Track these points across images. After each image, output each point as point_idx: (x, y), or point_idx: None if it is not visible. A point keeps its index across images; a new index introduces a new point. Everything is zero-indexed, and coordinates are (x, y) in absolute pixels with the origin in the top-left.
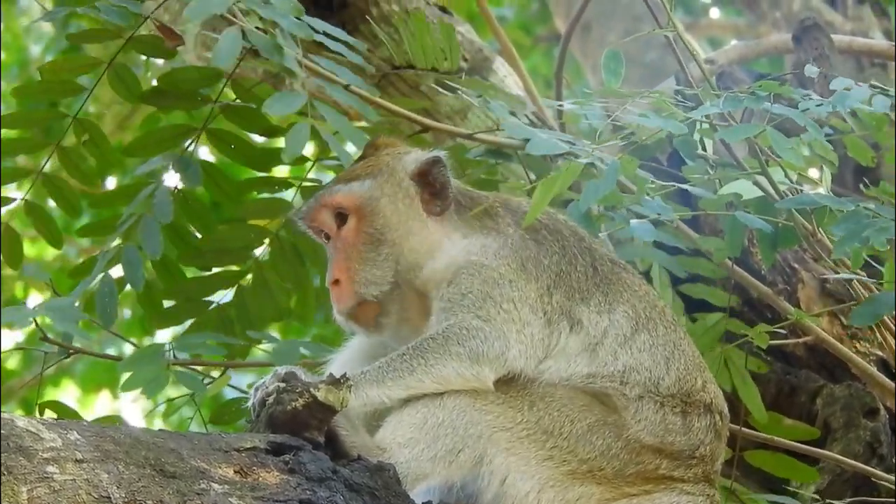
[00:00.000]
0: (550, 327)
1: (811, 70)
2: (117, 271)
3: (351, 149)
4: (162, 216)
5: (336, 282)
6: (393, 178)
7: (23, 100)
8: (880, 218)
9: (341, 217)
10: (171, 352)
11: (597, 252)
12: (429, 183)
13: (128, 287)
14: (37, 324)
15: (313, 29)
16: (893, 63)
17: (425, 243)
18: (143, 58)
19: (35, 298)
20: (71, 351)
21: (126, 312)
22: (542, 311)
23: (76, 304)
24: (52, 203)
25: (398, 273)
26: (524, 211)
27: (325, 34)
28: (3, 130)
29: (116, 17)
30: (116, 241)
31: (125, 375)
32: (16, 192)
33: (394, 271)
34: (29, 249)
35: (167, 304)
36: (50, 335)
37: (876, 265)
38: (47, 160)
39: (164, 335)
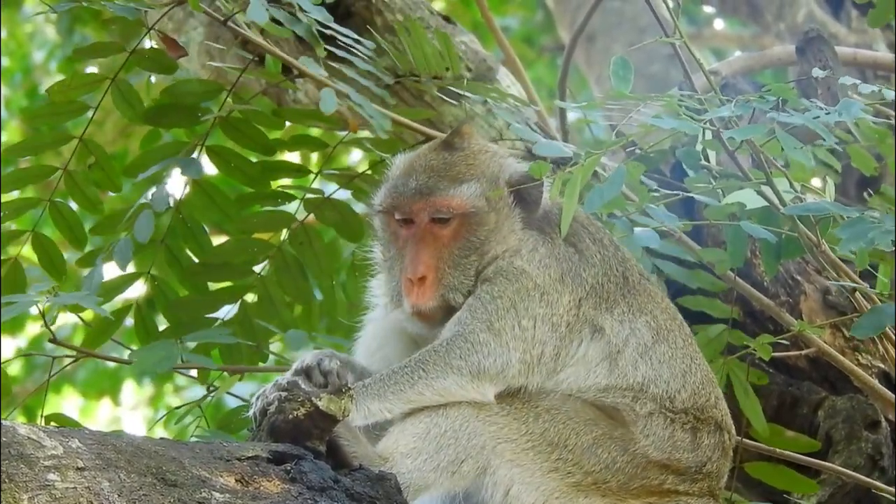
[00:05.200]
0: (571, 336)
1: (819, 72)
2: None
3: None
4: (158, 206)
5: (423, 278)
6: (495, 187)
7: (32, 125)
8: (885, 221)
9: (441, 216)
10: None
11: (629, 262)
12: (520, 193)
13: (126, 296)
14: (46, 325)
15: (327, 26)
16: None
17: (504, 251)
18: (147, 75)
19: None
20: (78, 354)
21: (128, 321)
22: (566, 323)
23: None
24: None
25: (475, 280)
26: (573, 216)
27: (336, 31)
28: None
29: (123, 10)
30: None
31: (137, 361)
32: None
33: (475, 279)
34: (31, 255)
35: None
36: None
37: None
38: (56, 185)
39: None
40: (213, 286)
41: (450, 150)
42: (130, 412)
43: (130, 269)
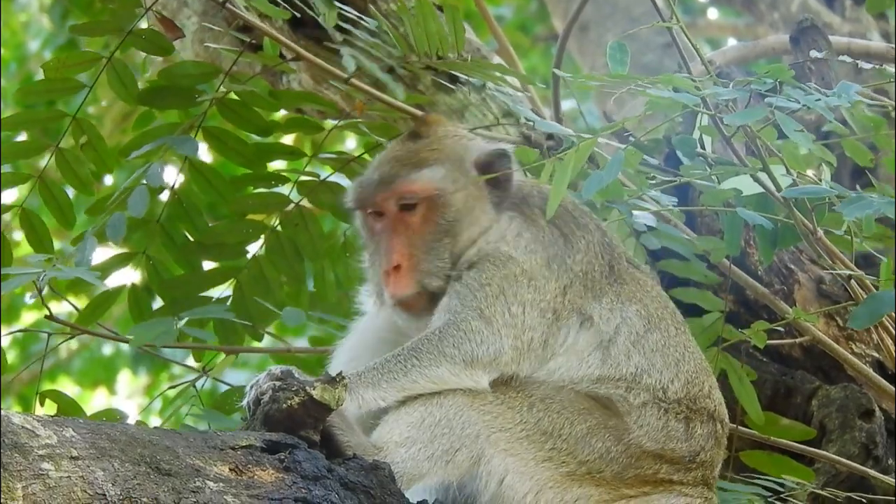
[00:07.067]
0: (559, 323)
1: (816, 54)
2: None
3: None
4: (153, 181)
5: (397, 267)
6: (461, 168)
7: (26, 100)
8: (885, 198)
9: (410, 203)
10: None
11: (616, 250)
12: (489, 172)
13: (120, 280)
14: (42, 301)
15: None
16: (895, 65)
17: (479, 232)
18: (143, 55)
19: (31, 296)
20: (75, 331)
21: (116, 312)
22: (553, 310)
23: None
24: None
25: (451, 263)
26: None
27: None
28: (3, 132)
29: None
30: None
31: (135, 335)
32: (11, 191)
33: (451, 262)
34: (24, 248)
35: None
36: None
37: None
38: (47, 162)
39: None
40: (207, 266)
41: (415, 140)
42: (126, 401)
43: (125, 249)
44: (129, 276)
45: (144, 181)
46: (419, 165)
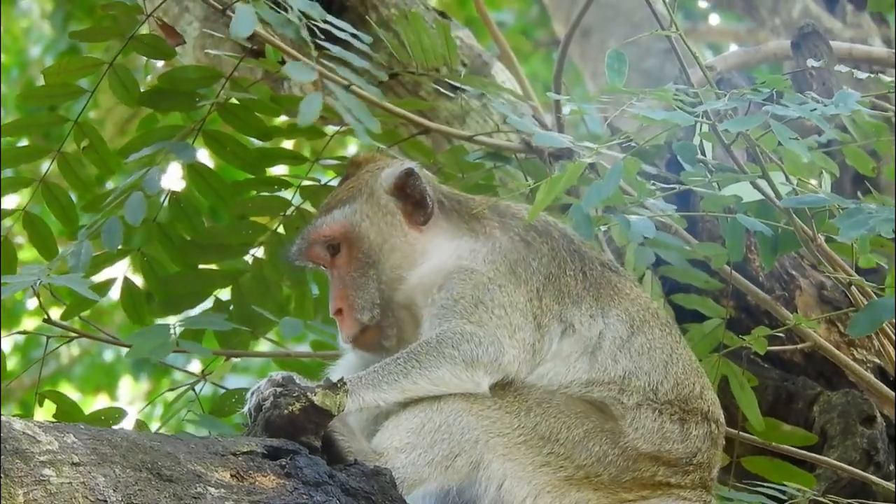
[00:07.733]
0: (541, 331)
1: (813, 62)
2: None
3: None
4: (150, 188)
5: (339, 311)
6: (372, 198)
7: (27, 105)
8: (883, 212)
9: (333, 246)
10: (175, 330)
11: (586, 255)
12: (408, 195)
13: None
14: (41, 305)
15: (324, 21)
16: (894, 71)
17: (408, 256)
18: (144, 60)
19: (32, 302)
20: (72, 334)
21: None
22: (532, 314)
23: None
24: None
25: (381, 292)
26: (512, 213)
27: (332, 25)
28: (4, 138)
29: None
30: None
31: (132, 346)
32: (14, 197)
33: (378, 292)
34: (27, 253)
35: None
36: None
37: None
38: (49, 166)
39: None
40: (208, 267)
41: (341, 182)
42: (127, 407)
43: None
44: (121, 270)
45: (143, 186)
46: (331, 209)
